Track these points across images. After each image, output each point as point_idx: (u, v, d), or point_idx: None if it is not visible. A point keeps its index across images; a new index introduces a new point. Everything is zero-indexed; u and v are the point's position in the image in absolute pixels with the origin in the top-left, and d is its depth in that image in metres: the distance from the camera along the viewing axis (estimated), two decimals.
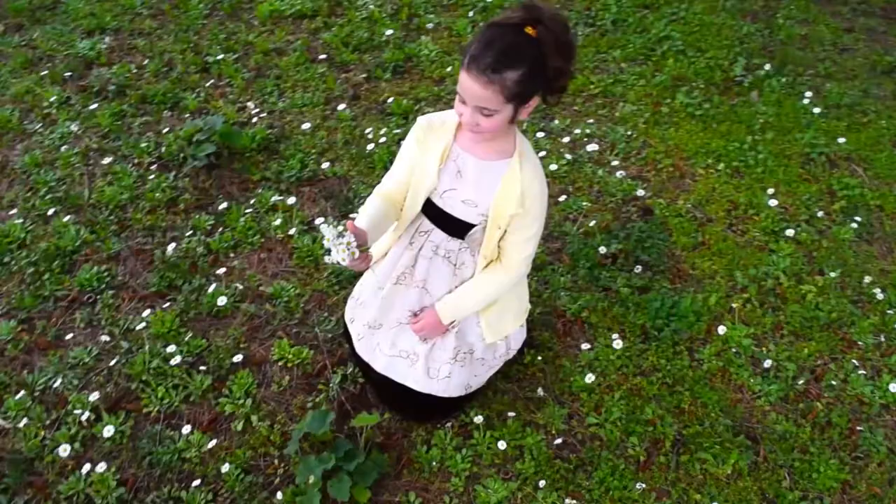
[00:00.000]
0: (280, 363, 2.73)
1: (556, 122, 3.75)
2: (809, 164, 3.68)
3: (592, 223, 3.29)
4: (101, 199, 3.22)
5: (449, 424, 2.62)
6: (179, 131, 3.46)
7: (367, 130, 3.54)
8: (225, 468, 2.44)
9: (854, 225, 3.41)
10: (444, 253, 2.30)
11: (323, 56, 3.94)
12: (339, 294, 2.94)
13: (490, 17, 2.00)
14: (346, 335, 2.73)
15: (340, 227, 1.96)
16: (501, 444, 2.55)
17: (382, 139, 3.49)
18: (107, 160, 3.37)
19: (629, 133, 3.75)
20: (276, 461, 2.49)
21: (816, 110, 3.94)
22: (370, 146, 3.45)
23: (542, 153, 3.56)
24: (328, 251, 1.97)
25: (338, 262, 1.96)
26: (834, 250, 3.32)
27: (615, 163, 3.58)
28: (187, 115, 3.60)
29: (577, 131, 3.71)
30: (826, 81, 4.17)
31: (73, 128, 3.48)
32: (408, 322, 2.44)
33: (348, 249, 1.94)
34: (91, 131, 3.52)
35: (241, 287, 2.94)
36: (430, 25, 4.17)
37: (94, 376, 2.65)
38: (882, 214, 3.51)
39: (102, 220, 3.14)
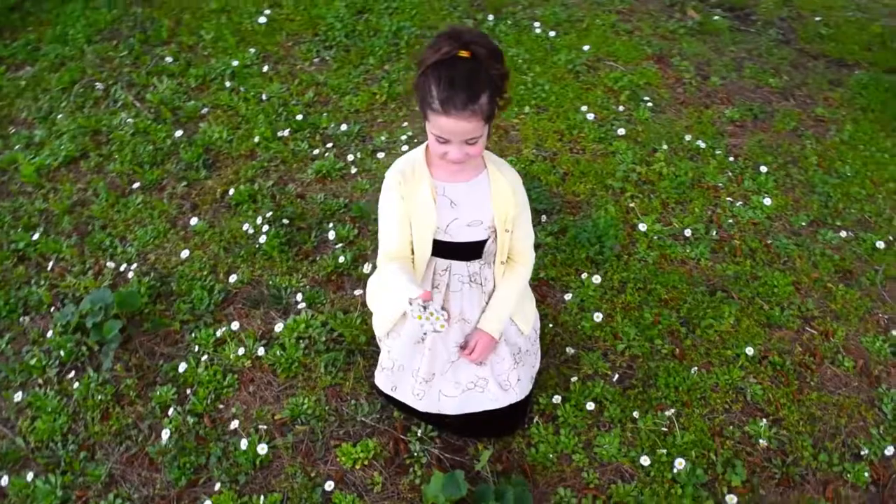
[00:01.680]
0: (358, 467, 2.57)
1: (374, 141, 3.78)
2: (580, 76, 4.14)
3: None
4: (39, 438, 2.68)
5: (534, 419, 2.69)
6: (59, 328, 2.96)
7: (245, 226, 3.30)
8: None
9: (648, 104, 3.94)
10: (470, 278, 2.33)
11: (135, 185, 3.54)
12: (348, 379, 2.81)
13: (417, 58, 2.02)
14: (394, 403, 2.65)
15: (419, 301, 1.96)
16: (590, 405, 2.69)
17: (265, 227, 3.28)
18: (16, 397, 2.79)
19: None
20: None
21: (552, 34, 4.40)
22: (262, 238, 3.23)
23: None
24: (423, 326, 1.97)
25: (436, 330, 1.98)
26: (648, 129, 3.82)
27: None
28: (51, 309, 3.07)
29: (403, 137, 3.78)
30: (515, 10, 4.63)
31: None
32: (458, 358, 2.44)
33: (438, 313, 1.98)
34: None
35: (262, 427, 2.68)
36: (204, 111, 3.92)
37: None
38: (652, 87, 4.09)
39: (64, 455, 2.63)
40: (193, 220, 3.37)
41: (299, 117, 3.87)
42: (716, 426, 2.67)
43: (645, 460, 2.54)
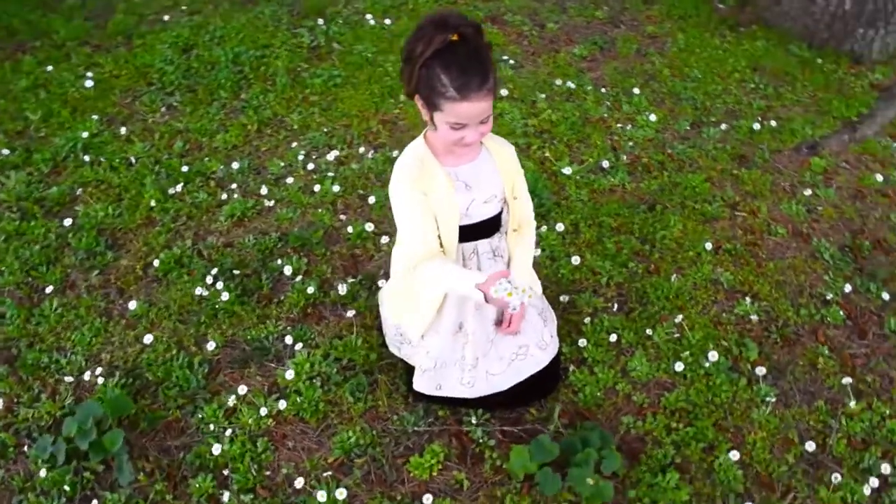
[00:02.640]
0: (435, 473, 2.60)
1: (271, 169, 3.70)
2: None
3: None
4: None
5: (569, 368, 2.85)
6: (44, 463, 2.65)
7: (198, 291, 3.12)
8: None
9: (510, 62, 4.18)
10: (494, 253, 2.43)
11: (46, 290, 3.20)
12: (379, 398, 2.79)
13: (414, 53, 2.08)
14: (438, 401, 2.70)
15: (503, 279, 2.06)
16: (613, 337, 2.90)
17: (216, 283, 3.12)
18: None
19: (326, 130, 3.89)
20: None
21: (387, 22, 4.49)
22: (224, 296, 3.08)
23: (317, 188, 3.55)
24: (511, 302, 2.08)
25: (522, 302, 2.09)
26: (519, 85, 4.06)
27: (361, 150, 3.74)
28: (24, 449, 2.73)
29: (300, 158, 3.73)
30: (338, 9, 4.71)
31: None
32: (495, 335, 2.54)
33: (523, 285, 2.09)
34: None
35: (325, 475, 2.61)
36: (77, 192, 3.60)
37: None
38: (501, 46, 4.34)
39: None
40: (131, 305, 3.13)
41: (184, 169, 3.68)
42: (713, 318, 2.99)
43: (679, 366, 2.80)
